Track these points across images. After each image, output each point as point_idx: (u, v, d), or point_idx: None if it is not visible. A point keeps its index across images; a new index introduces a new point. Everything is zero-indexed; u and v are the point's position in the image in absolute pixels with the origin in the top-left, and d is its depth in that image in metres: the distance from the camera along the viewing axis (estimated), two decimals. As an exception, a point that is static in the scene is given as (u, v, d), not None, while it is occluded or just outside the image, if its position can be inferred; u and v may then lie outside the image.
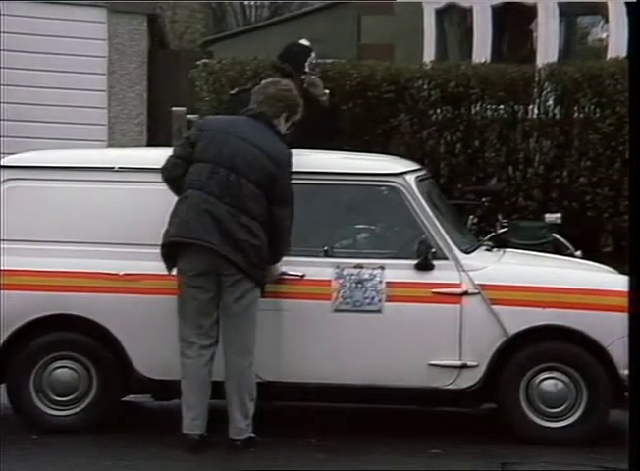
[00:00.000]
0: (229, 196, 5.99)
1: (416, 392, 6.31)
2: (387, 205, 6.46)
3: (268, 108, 6.25)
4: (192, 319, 6.03)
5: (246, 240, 5.94)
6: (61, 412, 6.36)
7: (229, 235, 5.94)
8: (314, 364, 6.27)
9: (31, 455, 6.01)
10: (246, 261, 5.94)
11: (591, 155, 8.72)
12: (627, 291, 6.06)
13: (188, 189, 6.02)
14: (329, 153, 7.02)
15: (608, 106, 8.71)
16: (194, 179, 6.03)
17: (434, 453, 6.12)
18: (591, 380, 6.27)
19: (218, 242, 5.92)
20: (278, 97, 6.30)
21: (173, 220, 6.04)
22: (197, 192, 6.00)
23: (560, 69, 9.11)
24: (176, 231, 6.02)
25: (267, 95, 6.31)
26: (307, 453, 6.05)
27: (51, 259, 6.34)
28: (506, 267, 6.57)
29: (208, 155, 6.05)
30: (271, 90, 6.34)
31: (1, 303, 6.27)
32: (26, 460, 5.94)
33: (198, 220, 5.96)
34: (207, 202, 5.97)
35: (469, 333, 6.23)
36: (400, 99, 8.87)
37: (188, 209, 6.00)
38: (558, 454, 6.07)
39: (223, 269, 5.95)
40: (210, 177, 6.00)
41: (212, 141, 6.08)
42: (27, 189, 6.50)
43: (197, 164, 6.04)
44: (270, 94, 6.31)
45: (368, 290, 6.25)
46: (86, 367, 6.36)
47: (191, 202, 6.00)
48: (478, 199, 8.87)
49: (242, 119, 6.27)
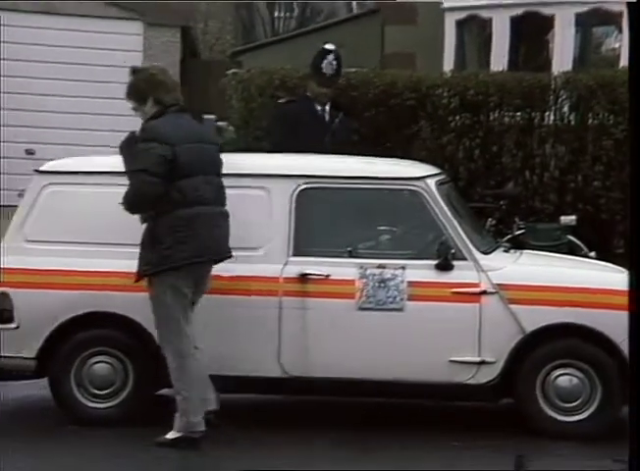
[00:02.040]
0: (220, 199, 6.07)
1: (437, 387, 6.31)
2: (408, 208, 6.46)
3: (179, 96, 6.20)
4: (188, 322, 5.98)
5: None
6: (99, 405, 6.39)
7: (226, 237, 6.04)
8: (339, 360, 6.27)
9: (71, 445, 6.05)
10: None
11: (604, 160, 8.69)
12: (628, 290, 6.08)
13: (195, 206, 5.87)
14: (352, 158, 7.04)
15: (621, 113, 8.68)
16: (198, 194, 5.89)
17: (454, 445, 6.12)
18: (605, 376, 6.25)
19: (228, 250, 6.02)
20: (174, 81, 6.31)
21: (193, 239, 5.84)
22: (206, 208, 5.94)
23: (575, 77, 9.08)
24: (203, 250, 5.90)
25: (175, 83, 6.24)
26: (334, 445, 6.05)
27: (88, 260, 6.37)
28: (524, 267, 6.57)
29: (195, 168, 5.93)
30: (162, 77, 6.23)
31: (44, 302, 6.33)
32: (66, 450, 5.98)
33: (216, 237, 5.99)
34: (214, 216, 6.00)
35: (488, 330, 6.23)
36: (420, 106, 8.87)
37: (206, 227, 5.91)
38: (572, 448, 6.06)
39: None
40: (206, 188, 5.96)
41: (190, 154, 5.92)
42: (66, 193, 6.53)
43: (188, 179, 5.87)
44: (171, 83, 6.23)
45: (390, 290, 6.25)
46: (123, 362, 6.39)
47: (206, 220, 5.92)
48: (496, 202, 8.86)
49: (188, 120, 6.10)
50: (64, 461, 5.81)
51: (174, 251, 5.84)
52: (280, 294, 6.26)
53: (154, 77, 6.19)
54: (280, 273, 6.29)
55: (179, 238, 5.84)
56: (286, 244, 6.34)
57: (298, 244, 6.35)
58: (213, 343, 6.27)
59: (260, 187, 6.40)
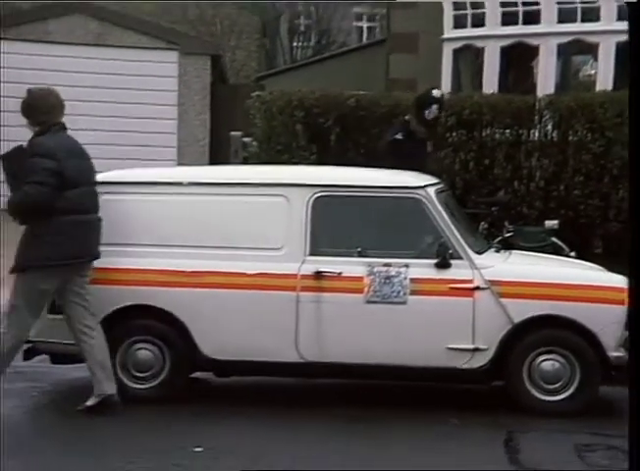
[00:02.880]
0: (96, 207, 6.18)
1: (436, 371, 6.29)
2: (411, 213, 6.44)
3: (62, 116, 6.26)
4: (36, 315, 6.07)
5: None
6: (140, 385, 6.40)
7: (98, 240, 6.19)
8: (350, 347, 6.26)
9: (115, 420, 6.04)
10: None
11: (584, 172, 8.67)
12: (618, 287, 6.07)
13: (78, 214, 5.98)
14: (361, 169, 7.03)
15: (597, 130, 8.66)
16: (81, 203, 6.02)
17: (451, 422, 6.11)
18: (583, 360, 6.23)
19: (98, 252, 6.19)
20: (61, 103, 6.31)
21: (72, 242, 5.95)
22: (86, 216, 6.07)
23: (557, 99, 9.06)
24: (78, 252, 6.02)
25: (55, 105, 6.25)
26: (344, 423, 6.04)
27: (131, 259, 6.38)
28: (512, 266, 6.55)
29: (79, 180, 6.03)
30: (53, 100, 6.28)
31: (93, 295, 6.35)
32: (111, 423, 5.99)
33: (92, 241, 6.13)
34: (92, 222, 6.12)
35: (480, 321, 6.21)
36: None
37: (84, 233, 6.05)
38: (555, 423, 6.03)
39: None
40: (87, 198, 6.09)
41: (74, 168, 6.02)
42: (118, 201, 6.51)
43: (74, 190, 5.97)
44: (56, 104, 6.27)
45: (395, 285, 6.24)
46: (161, 349, 6.39)
47: (86, 226, 6.06)
48: (488, 208, 8.83)
49: (67, 138, 6.18)
50: (109, 433, 5.82)
51: (51, 252, 5.92)
52: (298, 290, 6.25)
53: (35, 100, 6.25)
54: (297, 270, 6.28)
55: (58, 241, 5.93)
56: (303, 245, 6.33)
57: (314, 245, 6.34)
58: (239, 333, 6.29)
59: (280, 195, 6.40)
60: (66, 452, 5.43)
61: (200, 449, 5.43)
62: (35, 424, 6.18)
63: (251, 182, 6.58)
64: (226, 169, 8.47)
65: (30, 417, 6.34)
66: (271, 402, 6.47)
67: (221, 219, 6.42)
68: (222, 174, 7.14)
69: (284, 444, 5.62)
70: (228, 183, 6.58)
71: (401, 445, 5.67)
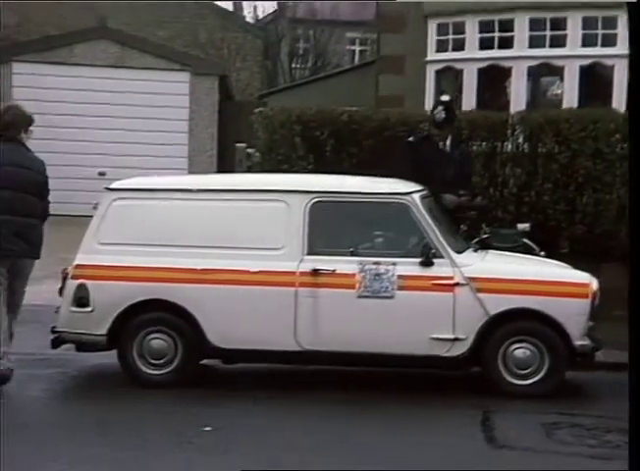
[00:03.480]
0: (27, 212, 6.17)
1: (420, 359, 6.29)
2: (398, 217, 6.44)
3: (15, 130, 6.29)
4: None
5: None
6: (155, 372, 6.39)
7: (30, 241, 6.19)
8: (343, 337, 6.25)
9: (133, 402, 6.05)
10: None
11: (552, 180, 8.66)
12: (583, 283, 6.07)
13: (3, 214, 6.05)
14: (354, 177, 7.03)
15: (564, 143, 8.65)
16: (7, 205, 6.07)
17: (432, 405, 6.11)
18: (551, 349, 6.24)
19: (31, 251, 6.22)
20: (17, 120, 6.32)
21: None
22: (11, 217, 6.09)
23: (528, 115, 9.04)
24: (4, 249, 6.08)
25: (9, 122, 6.30)
26: (338, 405, 6.04)
27: (146, 258, 6.36)
28: (489, 264, 6.55)
29: (6, 184, 6.08)
30: (8, 117, 6.33)
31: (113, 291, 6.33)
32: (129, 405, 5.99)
33: (19, 240, 6.13)
34: (17, 223, 6.12)
35: (460, 314, 6.21)
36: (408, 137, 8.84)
37: (9, 232, 6.09)
38: (526, 404, 6.04)
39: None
40: (14, 202, 6.11)
41: (9, 174, 6.10)
42: (130, 206, 6.53)
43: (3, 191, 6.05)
44: (9, 121, 6.30)
45: (384, 281, 6.23)
46: (173, 338, 6.38)
47: (10, 226, 6.09)
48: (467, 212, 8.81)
49: (13, 149, 6.22)
50: (128, 414, 5.81)
51: None
52: (296, 285, 6.24)
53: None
54: (296, 268, 6.27)
55: None
56: (301, 245, 6.32)
57: (311, 245, 6.33)
58: (243, 324, 6.28)
59: (281, 201, 6.39)
60: (90, 431, 5.41)
61: (209, 428, 5.42)
62: (62, 405, 6.17)
63: (254, 188, 6.57)
64: (231, 177, 8.47)
65: (58, 399, 6.33)
66: (272, 386, 6.47)
67: (227, 222, 6.41)
68: (228, 181, 7.14)
69: (284, 423, 5.61)
70: (233, 190, 6.57)
71: (390, 424, 5.66)
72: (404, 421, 5.77)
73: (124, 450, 5.02)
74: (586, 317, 6.27)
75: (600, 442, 5.37)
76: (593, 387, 6.70)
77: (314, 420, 5.70)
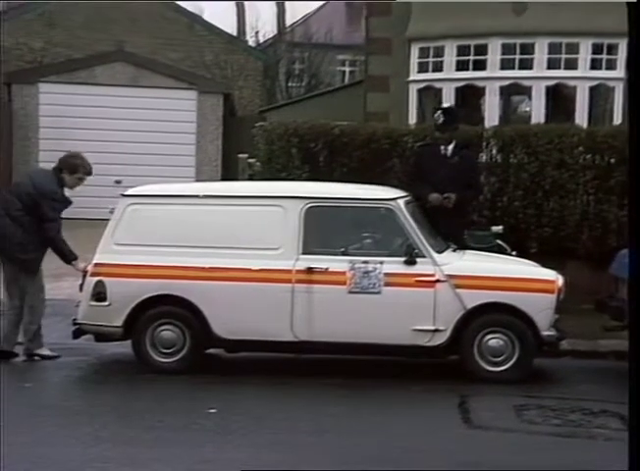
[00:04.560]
0: (10, 214, 6.50)
1: (404, 348, 6.27)
2: (384, 220, 6.42)
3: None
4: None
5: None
6: (166, 360, 6.36)
7: (8, 239, 6.47)
8: (335, 329, 6.23)
9: (146, 387, 6.02)
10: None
11: (522, 187, 8.64)
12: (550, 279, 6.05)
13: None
14: (345, 185, 7.01)
15: (533, 155, 8.64)
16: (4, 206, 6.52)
17: (415, 389, 6.09)
18: (522, 338, 6.23)
19: (9, 248, 6.49)
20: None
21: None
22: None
23: (501, 129, 9.03)
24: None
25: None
26: (329, 390, 6.02)
27: (158, 257, 6.33)
28: (466, 263, 6.52)
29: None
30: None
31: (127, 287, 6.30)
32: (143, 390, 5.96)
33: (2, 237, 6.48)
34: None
35: (440, 307, 6.19)
36: (393, 149, 8.82)
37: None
38: (499, 388, 6.02)
39: None
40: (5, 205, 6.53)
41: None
42: (143, 210, 6.51)
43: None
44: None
45: (372, 279, 6.21)
46: (182, 330, 6.35)
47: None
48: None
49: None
50: (141, 398, 5.79)
51: None
52: (292, 282, 6.22)
53: None
54: (292, 266, 6.25)
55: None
56: (296, 246, 6.30)
57: (306, 246, 6.31)
58: (245, 317, 6.25)
59: (278, 205, 6.37)
60: (107, 412, 5.39)
61: (214, 411, 5.40)
62: (82, 390, 6.14)
63: (255, 194, 6.55)
64: (234, 184, 8.44)
65: (78, 384, 6.30)
66: (271, 373, 6.44)
67: (230, 224, 6.38)
68: (231, 188, 7.12)
69: (281, 406, 5.59)
70: (236, 196, 6.55)
71: (376, 406, 5.65)
72: (390, 404, 5.75)
73: (137, 430, 4.99)
74: (552, 310, 6.26)
75: (564, 421, 5.36)
76: (558, 372, 6.70)
77: (309, 403, 5.69)
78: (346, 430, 5.11)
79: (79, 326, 6.48)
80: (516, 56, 10.72)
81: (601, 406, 5.56)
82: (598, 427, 5.21)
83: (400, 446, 4.82)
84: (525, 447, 4.86)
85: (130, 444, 4.75)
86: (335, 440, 4.91)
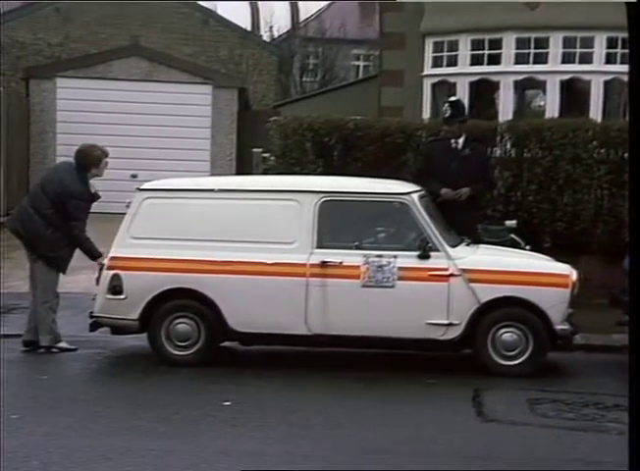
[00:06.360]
0: (35, 207, 6.61)
1: (418, 342, 6.27)
2: (398, 214, 6.41)
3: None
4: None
5: None
6: (181, 352, 6.38)
7: (29, 229, 6.62)
8: (349, 322, 6.23)
9: (162, 379, 6.05)
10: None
11: (536, 182, 8.61)
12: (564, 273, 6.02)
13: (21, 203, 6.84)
14: (359, 179, 6.99)
15: (546, 149, 8.60)
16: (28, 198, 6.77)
17: (430, 382, 6.08)
18: (535, 332, 6.21)
19: (29, 234, 6.64)
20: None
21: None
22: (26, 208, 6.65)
23: (515, 124, 8.99)
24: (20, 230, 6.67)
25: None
26: (344, 383, 6.03)
27: (173, 250, 6.34)
28: (480, 257, 6.51)
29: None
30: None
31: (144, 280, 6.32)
32: (158, 382, 5.99)
33: (23, 225, 6.64)
34: (27, 212, 6.63)
35: (454, 301, 6.18)
36: (407, 143, 8.80)
37: (22, 217, 6.65)
38: (513, 382, 6.01)
39: None
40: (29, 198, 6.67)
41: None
42: (159, 204, 6.52)
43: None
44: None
45: (386, 272, 6.21)
46: (197, 323, 6.37)
47: (23, 213, 6.67)
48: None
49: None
50: (158, 390, 5.81)
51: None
52: (307, 276, 6.22)
53: None
54: (307, 260, 6.25)
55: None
56: (311, 240, 6.30)
57: (320, 240, 6.31)
58: (260, 310, 6.26)
59: (293, 200, 6.38)
60: (123, 404, 5.42)
61: (229, 403, 5.42)
62: (99, 382, 6.17)
63: (270, 189, 6.55)
64: (249, 178, 8.44)
65: (95, 376, 6.34)
66: (285, 366, 6.45)
67: (245, 218, 6.39)
68: (246, 182, 7.12)
69: (295, 399, 5.60)
70: (251, 190, 6.56)
71: (389, 400, 5.65)
72: (404, 397, 5.75)
73: (153, 422, 5.01)
74: (566, 304, 6.23)
75: (577, 415, 5.35)
76: (571, 366, 6.67)
77: (322, 396, 5.69)
78: (360, 423, 5.11)
79: (95, 319, 6.51)
80: (531, 50, 10.67)
81: (614, 400, 5.54)
82: (611, 421, 5.19)
83: (413, 439, 4.82)
84: (538, 441, 4.85)
85: (145, 436, 4.78)
86: (349, 432, 4.92)
